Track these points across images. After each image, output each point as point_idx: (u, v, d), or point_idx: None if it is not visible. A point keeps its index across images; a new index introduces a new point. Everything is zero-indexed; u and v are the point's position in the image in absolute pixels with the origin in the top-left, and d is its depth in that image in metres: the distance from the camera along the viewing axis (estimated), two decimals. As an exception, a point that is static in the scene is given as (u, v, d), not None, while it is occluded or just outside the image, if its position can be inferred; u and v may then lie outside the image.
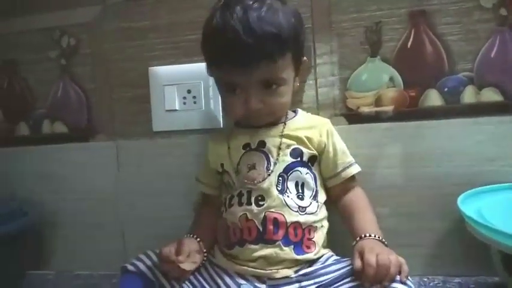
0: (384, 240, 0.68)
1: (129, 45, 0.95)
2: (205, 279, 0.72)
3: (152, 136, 0.94)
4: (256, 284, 0.68)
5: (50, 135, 1.01)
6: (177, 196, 0.93)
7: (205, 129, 0.91)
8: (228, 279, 0.70)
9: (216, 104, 0.90)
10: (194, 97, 0.91)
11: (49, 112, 1.01)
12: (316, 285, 0.67)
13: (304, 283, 0.68)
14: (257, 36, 0.65)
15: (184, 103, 0.91)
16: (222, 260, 0.73)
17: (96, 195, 0.98)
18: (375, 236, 0.68)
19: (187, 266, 0.69)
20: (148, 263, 0.72)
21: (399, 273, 0.61)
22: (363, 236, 0.68)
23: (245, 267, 0.70)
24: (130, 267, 0.71)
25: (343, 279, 0.65)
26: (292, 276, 0.68)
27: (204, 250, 0.74)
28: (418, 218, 0.84)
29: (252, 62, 0.66)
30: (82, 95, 0.99)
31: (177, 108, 0.91)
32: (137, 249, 0.83)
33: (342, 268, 0.67)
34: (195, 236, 0.74)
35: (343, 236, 0.74)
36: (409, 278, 0.62)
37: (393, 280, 0.60)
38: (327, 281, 0.66)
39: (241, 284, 0.69)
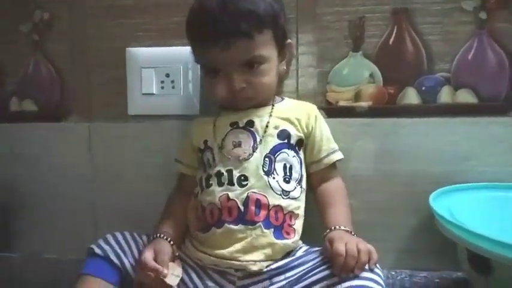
0: (353, 233, 0.69)
1: (109, 24, 0.91)
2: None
3: (127, 119, 0.92)
4: (225, 285, 0.68)
5: (18, 112, 0.97)
6: (149, 181, 0.92)
7: (182, 115, 0.89)
8: (196, 279, 0.70)
9: (194, 89, 0.88)
10: (172, 81, 0.89)
11: (18, 89, 0.97)
12: (287, 280, 0.67)
13: (275, 279, 0.68)
14: (231, 13, 0.67)
15: (162, 87, 0.89)
16: (195, 253, 0.72)
17: (67, 177, 0.95)
18: (344, 228, 0.69)
19: (171, 280, 0.67)
20: (117, 249, 0.71)
21: (368, 259, 0.62)
22: (332, 228, 0.69)
23: (219, 259, 0.68)
24: (97, 250, 0.70)
25: (312, 271, 0.66)
26: (264, 270, 0.68)
27: (177, 254, 0.72)
28: (389, 213, 0.85)
29: (229, 40, 0.68)
30: (55, 73, 0.95)
31: (154, 92, 0.89)
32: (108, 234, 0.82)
33: (312, 260, 0.68)
34: (168, 239, 0.72)
35: (313, 225, 0.74)
36: (377, 265, 0.64)
37: (363, 269, 0.61)
38: (297, 276, 0.67)
39: (209, 286, 0.69)
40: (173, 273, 0.68)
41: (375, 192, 0.86)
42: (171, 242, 0.72)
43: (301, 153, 0.77)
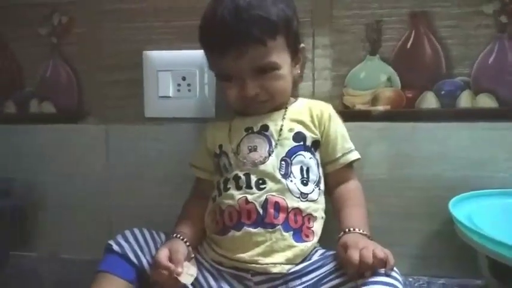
0: (369, 235, 0.67)
1: (125, 27, 0.92)
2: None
3: (144, 122, 0.93)
4: None
5: (37, 114, 0.99)
6: (165, 184, 0.92)
7: (198, 118, 0.90)
8: (212, 282, 0.69)
9: (210, 92, 0.89)
10: (189, 85, 0.89)
11: (37, 91, 0.98)
12: (303, 285, 0.67)
13: (291, 283, 0.67)
14: (244, 21, 0.67)
15: (179, 90, 0.90)
16: (214, 256, 0.72)
17: (84, 178, 0.96)
18: (359, 230, 0.67)
19: (185, 279, 0.66)
20: (135, 246, 0.71)
21: (384, 265, 0.60)
22: (347, 230, 0.68)
23: (239, 263, 0.68)
24: (115, 247, 0.70)
25: (328, 277, 0.65)
26: (284, 272, 0.67)
27: (192, 256, 0.72)
28: (406, 219, 0.85)
29: (242, 47, 0.68)
30: (73, 75, 0.96)
31: (170, 95, 0.90)
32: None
33: (328, 264, 0.67)
34: (184, 239, 0.72)
35: (332, 227, 0.73)
36: (395, 269, 0.62)
37: (377, 273, 0.60)
38: (313, 281, 0.66)
39: None
40: (187, 272, 0.68)
41: (391, 197, 0.85)
42: (187, 243, 0.72)
43: (317, 154, 0.76)
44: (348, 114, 0.85)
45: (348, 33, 0.84)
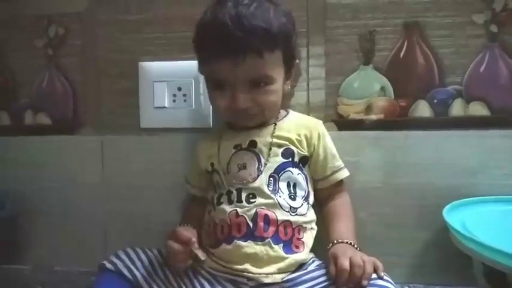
0: (356, 246, 0.69)
1: (121, 37, 0.92)
2: (185, 284, 0.70)
3: (139, 132, 0.93)
4: None
5: (32, 126, 0.98)
6: (161, 194, 0.92)
7: (194, 129, 0.90)
8: (208, 287, 0.69)
9: (206, 103, 0.88)
10: (184, 95, 0.90)
11: (32, 102, 0.98)
12: None
13: None
14: (245, 29, 0.66)
15: (174, 101, 0.90)
16: (210, 262, 0.72)
17: (79, 189, 0.96)
18: (347, 242, 0.69)
19: (202, 255, 0.67)
20: (127, 261, 0.71)
21: (375, 270, 0.62)
22: (335, 242, 0.69)
23: (233, 270, 0.69)
24: (108, 265, 0.70)
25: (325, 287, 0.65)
26: (277, 281, 0.68)
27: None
28: (400, 227, 0.85)
29: (238, 54, 0.66)
30: (68, 86, 0.96)
31: (166, 106, 0.90)
32: (118, 246, 0.82)
33: (324, 275, 0.67)
34: (192, 226, 0.73)
35: (324, 239, 0.74)
36: (385, 274, 0.63)
37: (371, 278, 0.61)
38: None
39: None
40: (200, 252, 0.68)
41: (385, 206, 0.85)
42: (195, 229, 0.73)
43: (306, 169, 0.77)
44: (342, 123, 0.86)
45: (342, 43, 0.85)
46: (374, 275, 0.62)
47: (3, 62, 0.99)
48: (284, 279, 0.68)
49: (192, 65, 0.86)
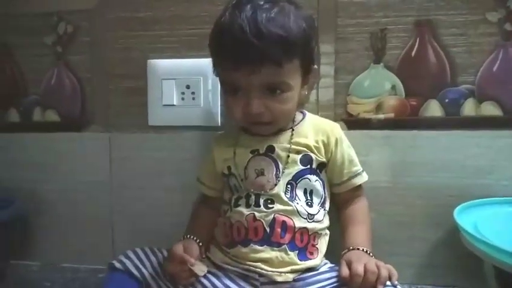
0: (371, 253, 0.68)
1: (129, 35, 0.92)
2: (194, 283, 0.70)
3: (147, 130, 0.93)
4: None
5: (41, 123, 0.99)
6: (169, 192, 0.92)
7: (202, 127, 0.90)
8: (218, 283, 0.69)
9: (214, 101, 0.89)
10: (193, 93, 0.89)
11: (41, 99, 0.98)
12: None
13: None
14: (263, 37, 0.63)
15: (183, 99, 0.90)
16: (221, 258, 0.72)
17: (87, 187, 0.96)
18: (362, 249, 0.68)
19: (199, 270, 0.68)
20: (136, 261, 0.71)
21: (389, 277, 0.62)
22: (350, 248, 0.69)
23: (246, 266, 0.69)
24: (117, 265, 0.70)
25: None
26: (289, 280, 0.68)
27: (203, 256, 0.73)
28: (411, 227, 0.84)
29: (255, 63, 0.64)
30: (77, 83, 0.96)
31: (174, 104, 0.90)
32: (126, 244, 0.82)
33: (334, 277, 0.67)
34: (197, 240, 0.73)
35: (337, 244, 0.74)
36: (398, 284, 0.63)
37: (385, 284, 0.61)
38: None
39: None
40: (199, 266, 0.69)
41: (395, 205, 0.85)
42: (200, 244, 0.73)
43: (323, 174, 0.76)
44: (352, 122, 0.85)
45: (353, 42, 0.84)
46: (388, 283, 0.61)
47: (13, 59, 0.99)
48: (295, 278, 0.68)
49: (201, 62, 0.86)
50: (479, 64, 0.81)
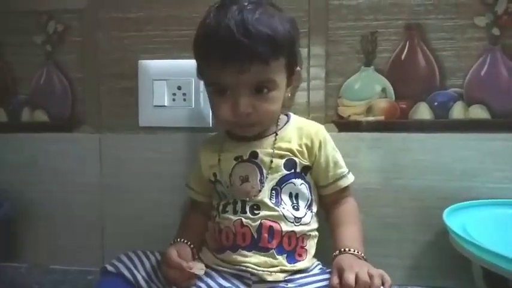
0: (363, 255, 0.68)
1: (121, 35, 0.92)
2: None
3: (138, 131, 0.92)
4: (241, 287, 0.67)
5: (29, 123, 0.97)
6: (159, 194, 0.91)
7: (193, 128, 0.90)
8: (211, 282, 0.69)
9: (206, 102, 0.88)
10: (184, 94, 0.89)
11: (30, 99, 0.97)
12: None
13: (290, 284, 0.67)
14: (251, 35, 0.63)
15: (174, 99, 0.89)
16: (212, 260, 0.72)
17: (76, 188, 0.95)
18: (354, 251, 0.68)
19: (198, 270, 0.68)
20: (129, 264, 0.71)
21: (382, 284, 0.61)
22: (342, 250, 0.68)
23: (237, 266, 0.69)
24: (110, 268, 0.70)
25: None
26: (279, 280, 0.68)
27: (196, 257, 0.73)
28: (399, 229, 0.85)
29: (244, 61, 0.65)
30: (67, 84, 0.95)
31: (165, 104, 0.89)
32: (116, 245, 0.82)
33: (326, 279, 0.66)
34: (188, 243, 0.74)
35: (330, 245, 0.73)
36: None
37: None
38: None
39: (225, 287, 0.67)
40: (197, 266, 0.69)
41: (385, 207, 0.85)
42: (191, 246, 0.74)
43: (308, 177, 0.76)
44: (343, 125, 0.86)
45: (343, 44, 0.85)
46: None
47: (1, 58, 0.98)
48: (286, 278, 0.68)
49: (192, 64, 0.84)
50: (467, 68, 0.82)
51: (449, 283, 0.83)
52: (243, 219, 0.70)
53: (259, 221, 0.69)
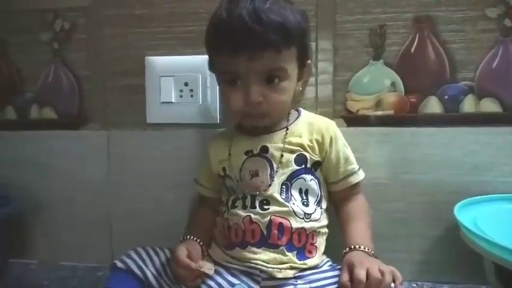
0: (373, 252, 0.67)
1: (127, 32, 0.91)
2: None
3: (145, 128, 0.92)
4: (250, 284, 0.67)
5: (38, 120, 0.98)
6: (167, 190, 0.91)
7: (200, 124, 0.89)
8: (220, 280, 0.69)
9: (213, 98, 0.88)
10: (191, 90, 0.89)
11: (38, 97, 0.97)
12: (312, 285, 0.66)
13: (299, 285, 0.67)
14: (263, 23, 0.64)
15: (181, 96, 0.89)
16: (222, 256, 0.72)
17: (85, 184, 0.95)
18: (364, 248, 0.67)
19: (208, 269, 0.68)
20: (138, 260, 0.71)
21: (393, 281, 0.60)
22: (352, 247, 0.68)
23: (246, 263, 0.69)
24: (119, 265, 0.70)
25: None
26: (289, 277, 0.67)
27: (206, 254, 0.73)
28: (410, 224, 0.84)
29: (256, 49, 0.65)
30: (74, 81, 0.95)
31: (172, 101, 0.89)
32: (124, 242, 0.82)
33: (335, 276, 0.66)
34: (198, 240, 0.74)
35: (340, 242, 0.73)
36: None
37: None
38: (320, 287, 0.66)
39: (235, 284, 0.68)
40: (207, 265, 0.70)
41: (393, 202, 0.85)
42: (201, 243, 0.73)
43: (318, 173, 0.75)
44: (351, 119, 0.85)
45: (352, 38, 0.84)
46: (392, 285, 0.60)
47: (9, 56, 0.98)
48: (296, 274, 0.68)
49: (199, 59, 0.85)
50: (478, 60, 0.81)
51: (459, 278, 0.82)
52: (252, 216, 0.70)
53: (268, 217, 0.69)
